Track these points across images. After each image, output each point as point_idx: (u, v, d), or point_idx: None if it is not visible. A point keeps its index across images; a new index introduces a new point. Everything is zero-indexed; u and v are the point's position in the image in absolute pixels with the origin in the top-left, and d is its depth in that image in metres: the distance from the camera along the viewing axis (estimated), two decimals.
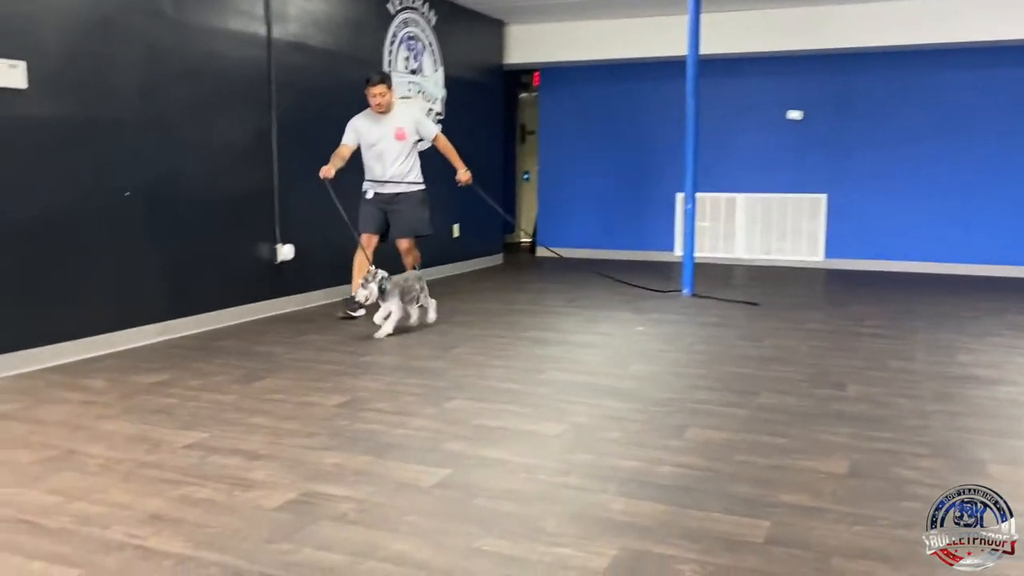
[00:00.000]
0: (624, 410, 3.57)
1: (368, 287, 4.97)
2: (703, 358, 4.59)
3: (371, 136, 5.45)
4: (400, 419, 3.42)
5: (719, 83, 8.77)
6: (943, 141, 8.22)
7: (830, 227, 8.67)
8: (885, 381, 4.06)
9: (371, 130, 5.45)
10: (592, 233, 9.65)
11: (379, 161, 5.49)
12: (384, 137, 5.45)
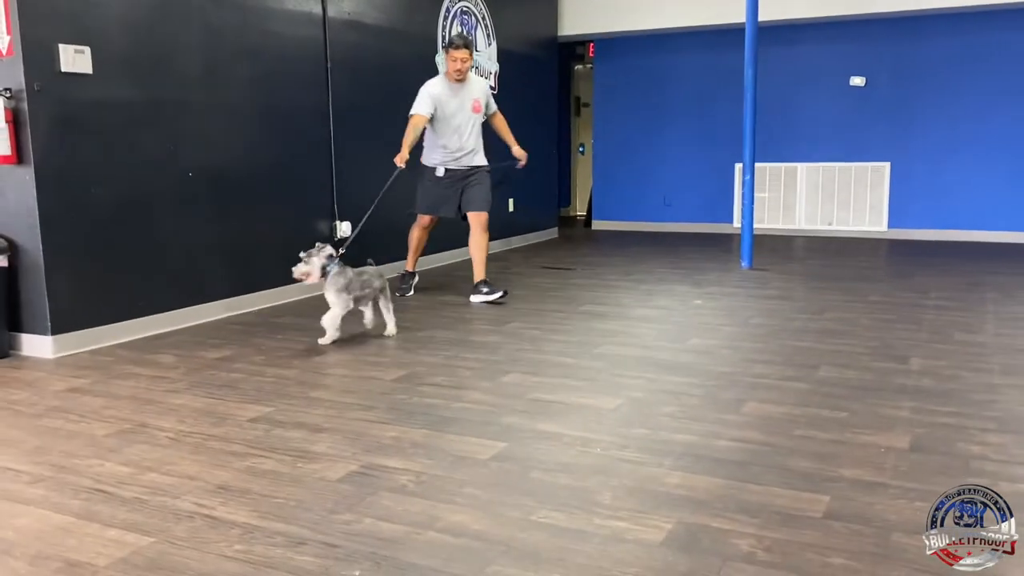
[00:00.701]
0: (681, 384, 3.55)
1: (310, 262, 4.26)
2: (761, 332, 4.53)
3: (450, 106, 5.19)
4: (457, 393, 3.46)
5: (778, 51, 8.57)
6: (1010, 105, 7.91)
7: (893, 196, 8.44)
8: (950, 354, 3.96)
9: (450, 100, 5.19)
10: (649, 206, 9.56)
11: (457, 134, 5.25)
12: (463, 108, 5.23)
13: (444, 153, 5.31)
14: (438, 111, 5.19)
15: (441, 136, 5.28)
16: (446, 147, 5.29)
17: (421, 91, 5.21)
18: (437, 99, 5.16)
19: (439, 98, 5.17)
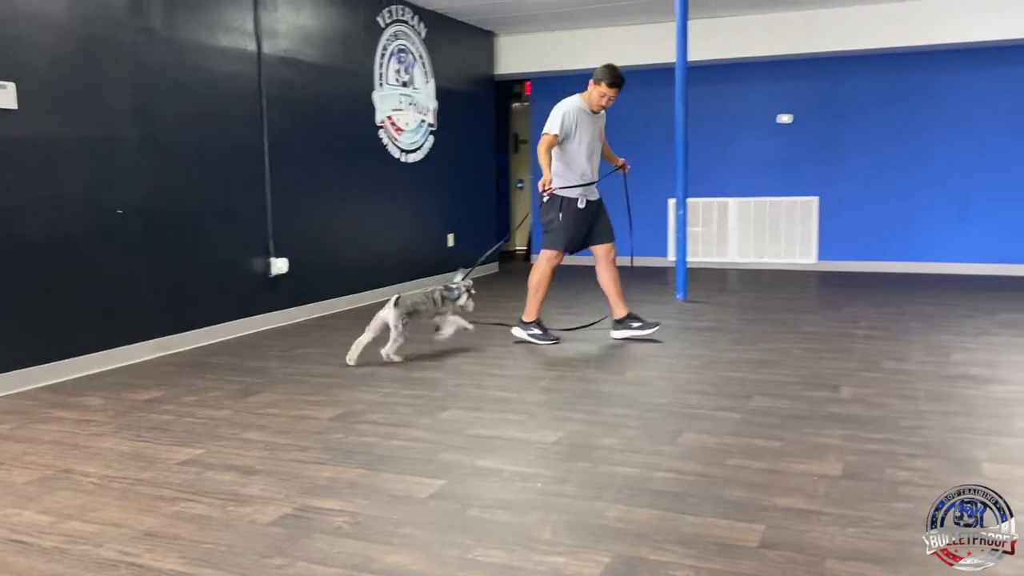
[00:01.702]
0: (620, 416, 3.57)
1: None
2: (697, 363, 4.59)
3: (589, 132, 5.02)
4: (395, 431, 3.42)
5: (709, 89, 8.81)
6: (933, 141, 8.26)
7: (822, 229, 8.70)
8: (879, 382, 4.07)
9: (588, 126, 5.03)
10: None
11: (590, 160, 5.07)
12: (596, 136, 5.10)
13: (582, 179, 5.06)
14: (575, 135, 4.99)
15: (576, 162, 5.04)
16: (583, 175, 5.06)
17: (556, 109, 5.02)
18: (577, 121, 4.98)
19: (579, 121, 4.99)
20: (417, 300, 4.72)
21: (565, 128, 4.94)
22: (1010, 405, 3.66)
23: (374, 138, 7.00)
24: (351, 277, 6.73)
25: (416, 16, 7.47)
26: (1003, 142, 8.03)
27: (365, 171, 6.88)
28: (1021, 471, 2.88)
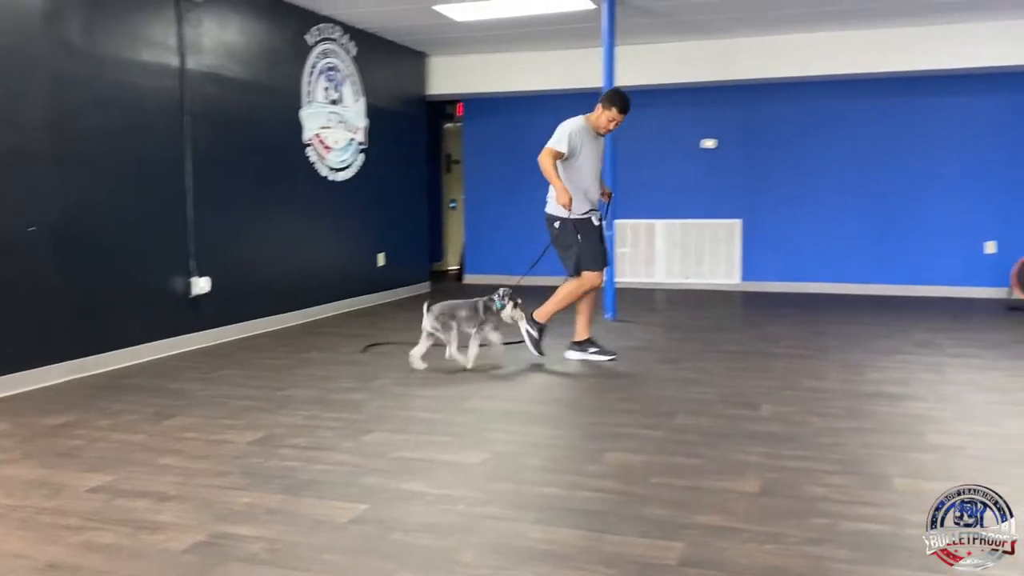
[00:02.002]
0: (546, 436, 3.58)
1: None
2: (623, 382, 4.64)
3: (593, 153, 5.05)
4: (317, 454, 3.35)
5: (636, 113, 8.90)
6: (851, 167, 8.57)
7: (745, 251, 8.92)
8: (798, 400, 4.17)
9: (593, 147, 5.05)
10: (519, 260, 9.69)
11: (593, 180, 5.11)
12: (598, 158, 5.14)
13: (587, 200, 5.09)
14: (580, 154, 4.99)
15: (581, 182, 5.05)
16: (587, 193, 5.08)
17: (562, 128, 5.01)
18: (582, 141, 4.98)
19: (584, 141, 4.99)
20: (456, 306, 4.90)
21: (572, 146, 4.95)
22: (922, 422, 3.79)
23: (302, 156, 6.91)
24: (277, 297, 6.61)
25: (346, 35, 7.43)
26: (915, 169, 8.38)
27: (292, 189, 6.79)
28: (931, 485, 2.96)
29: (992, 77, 7.95)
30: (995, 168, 8.17)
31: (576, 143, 4.96)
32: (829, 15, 7.14)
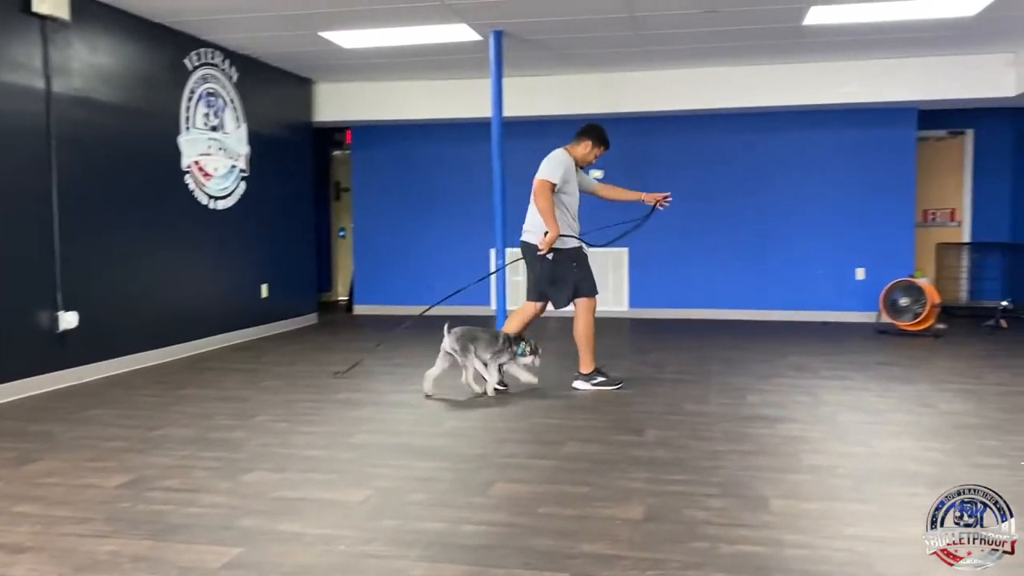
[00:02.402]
0: (432, 470, 3.51)
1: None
2: (514, 411, 4.63)
3: (576, 184, 5.21)
4: (190, 497, 3.18)
5: (526, 143, 9.04)
6: (732, 198, 8.91)
7: (632, 279, 9.12)
8: (681, 424, 4.26)
9: (575, 179, 5.19)
10: (410, 289, 9.62)
11: (576, 209, 5.26)
12: (576, 190, 5.26)
13: (574, 229, 5.20)
14: (568, 186, 5.09)
15: (570, 212, 5.17)
16: (572, 224, 5.18)
17: (555, 159, 5.10)
18: (569, 171, 5.09)
19: (570, 173, 5.10)
20: (476, 331, 4.94)
21: (564, 178, 5.04)
22: (798, 443, 3.92)
23: (180, 183, 6.66)
24: (153, 331, 6.30)
25: (227, 60, 7.24)
26: (790, 200, 8.79)
27: (170, 217, 6.52)
28: (806, 505, 3.06)
29: (858, 112, 8.44)
30: (863, 198, 8.65)
31: (567, 175, 5.09)
32: (708, 51, 7.44)
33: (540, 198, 5.00)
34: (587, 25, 6.47)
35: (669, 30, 6.63)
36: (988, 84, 7.66)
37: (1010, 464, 3.55)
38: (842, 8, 5.98)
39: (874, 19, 6.27)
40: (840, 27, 6.53)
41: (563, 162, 5.09)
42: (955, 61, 7.68)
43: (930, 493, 3.15)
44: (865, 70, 7.86)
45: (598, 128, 5.32)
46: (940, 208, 9.65)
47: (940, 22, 6.40)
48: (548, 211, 4.97)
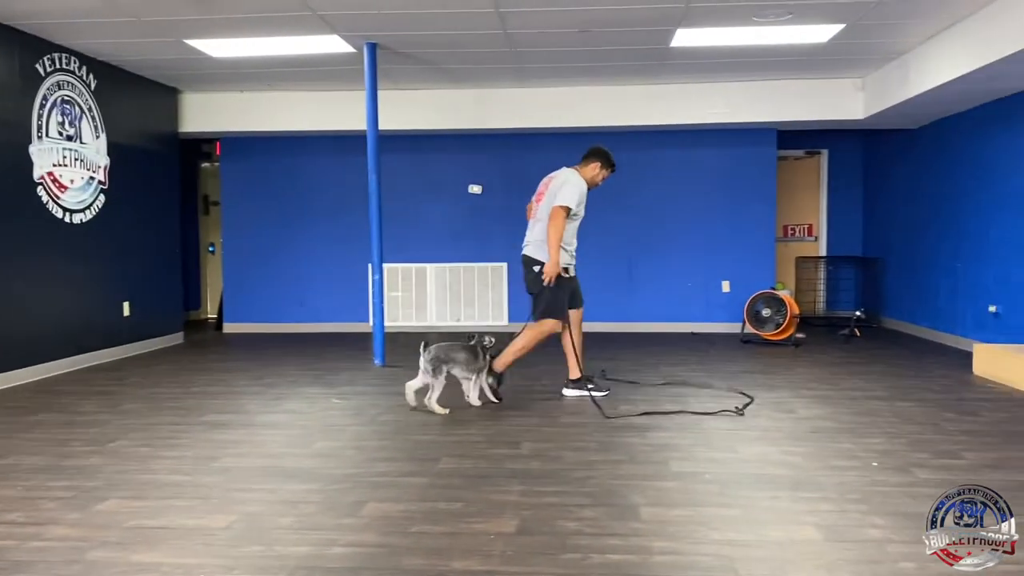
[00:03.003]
0: (301, 492, 3.40)
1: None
2: (388, 429, 4.55)
3: (584, 208, 5.21)
4: (36, 530, 2.96)
5: (404, 157, 9.05)
6: (605, 214, 9.07)
7: (511, 293, 9.19)
8: (556, 436, 4.30)
9: (585, 201, 5.18)
10: (282, 307, 9.36)
11: (576, 232, 5.29)
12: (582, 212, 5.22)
13: (571, 251, 5.28)
14: (579, 208, 5.14)
15: (572, 234, 5.23)
16: (571, 245, 5.28)
17: (570, 187, 5.09)
18: (583, 196, 5.12)
19: (584, 195, 5.15)
20: (453, 348, 4.88)
21: (580, 203, 5.11)
22: (666, 450, 4.03)
23: (31, 195, 6.24)
24: (2, 353, 5.87)
25: (84, 66, 6.86)
26: (661, 216, 9.08)
27: (20, 232, 6.09)
28: (674, 512, 3.14)
29: (723, 133, 8.82)
30: (728, 214, 9.04)
31: (581, 201, 5.15)
32: (582, 70, 7.61)
33: (554, 224, 5.04)
34: (461, 40, 6.50)
35: (542, 48, 6.75)
36: (840, 107, 8.17)
37: (863, 465, 3.75)
38: (705, 31, 6.25)
39: (735, 43, 6.58)
40: (704, 50, 6.82)
41: (581, 188, 5.17)
42: (810, 85, 8.15)
43: (790, 496, 3.30)
44: (728, 92, 8.23)
45: (605, 150, 5.38)
46: (799, 224, 10.21)
47: (795, 48, 6.78)
48: (556, 241, 5.04)
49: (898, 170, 9.10)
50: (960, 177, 7.66)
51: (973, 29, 5.80)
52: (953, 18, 5.90)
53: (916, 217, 8.59)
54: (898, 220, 9.02)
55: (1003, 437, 4.26)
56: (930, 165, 8.33)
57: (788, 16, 5.82)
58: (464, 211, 9.23)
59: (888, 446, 4.09)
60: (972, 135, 7.44)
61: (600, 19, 5.92)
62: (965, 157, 7.58)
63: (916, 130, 8.62)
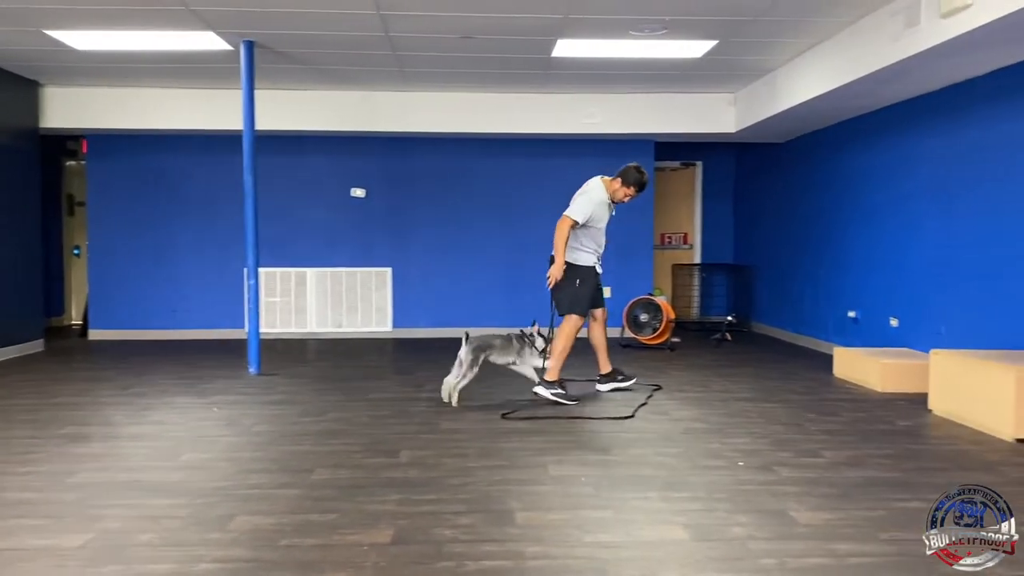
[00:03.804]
0: (165, 507, 3.25)
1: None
2: (262, 439, 4.41)
3: (606, 216, 5.66)
4: None
5: (282, 159, 8.83)
6: (488, 220, 9.17)
7: (396, 298, 9.11)
8: (435, 443, 4.27)
9: (606, 212, 5.64)
10: (153, 313, 8.95)
11: (603, 237, 5.71)
12: (609, 217, 5.69)
13: (596, 252, 5.65)
14: (594, 220, 5.52)
15: (596, 238, 5.63)
16: (598, 248, 5.67)
17: (584, 199, 5.50)
18: (599, 209, 5.53)
19: (601, 208, 5.56)
20: (491, 337, 5.45)
21: (591, 217, 5.49)
22: (544, 454, 4.07)
23: None
24: None
25: None
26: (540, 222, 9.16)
27: None
28: (549, 516, 3.17)
29: (603, 143, 9.01)
30: None
31: (596, 215, 5.53)
32: (465, 76, 7.62)
33: (558, 232, 5.44)
34: (343, 42, 6.39)
35: (425, 53, 6.72)
36: (713, 121, 8.50)
37: (730, 464, 3.91)
38: (585, 43, 6.38)
39: (614, 55, 6.74)
40: (585, 61, 6.96)
41: (595, 203, 5.53)
42: (686, 99, 8.44)
43: (661, 496, 3.40)
44: (608, 103, 8.43)
45: (633, 171, 5.64)
46: (675, 232, 10.56)
47: (671, 62, 7.01)
48: (560, 246, 5.44)
49: (766, 182, 9.55)
50: (821, 190, 8.11)
51: (833, 50, 6.16)
52: (816, 39, 6.25)
53: (782, 227, 9.04)
54: (766, 230, 9.47)
55: (859, 436, 4.52)
56: (794, 178, 8.78)
57: (663, 31, 6.02)
58: (347, 215, 9.09)
59: (754, 446, 4.27)
60: (832, 150, 7.90)
61: (482, 27, 5.94)
62: (825, 171, 8.03)
63: (783, 144, 9.08)
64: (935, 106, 6.18)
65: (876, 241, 7.04)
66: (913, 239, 6.48)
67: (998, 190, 5.46)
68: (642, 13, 5.62)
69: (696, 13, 5.61)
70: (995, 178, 5.49)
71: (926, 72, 5.58)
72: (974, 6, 4.48)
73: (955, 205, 5.93)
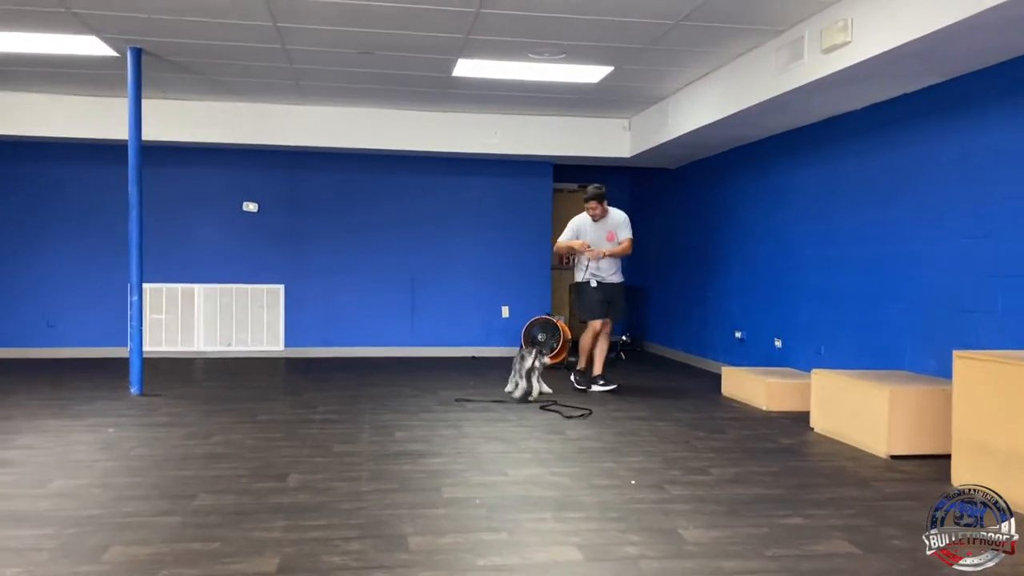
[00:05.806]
0: (31, 538, 3.04)
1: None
2: (141, 463, 4.19)
3: (590, 236, 6.67)
4: None
5: (171, 171, 8.52)
6: (387, 237, 9.08)
7: (288, 316, 8.88)
8: (327, 467, 4.16)
9: (589, 231, 6.68)
10: (24, 331, 8.44)
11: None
12: (600, 237, 6.67)
13: (593, 269, 6.70)
14: (580, 237, 6.67)
15: (586, 257, 6.70)
16: (596, 264, 6.70)
17: (569, 226, 6.77)
18: (579, 230, 6.71)
19: (581, 229, 6.71)
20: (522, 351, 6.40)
21: (565, 238, 6.79)
22: (439, 477, 4.02)
23: None
24: None
25: None
26: (441, 242, 9.18)
27: None
28: (442, 540, 3.12)
29: (503, 163, 9.08)
30: (507, 241, 9.30)
31: (582, 233, 6.69)
32: (365, 92, 7.53)
33: (558, 250, 7.18)
34: (236, 52, 6.22)
35: (323, 67, 6.62)
36: (609, 145, 8.69)
37: (623, 483, 3.95)
38: (485, 63, 6.41)
39: (514, 77, 6.81)
40: (485, 81, 7.00)
41: (576, 226, 6.74)
42: (584, 123, 8.60)
43: (555, 517, 3.40)
44: (508, 124, 8.50)
45: (588, 188, 6.71)
46: None
47: (569, 86, 7.13)
48: (560, 251, 7.21)
49: (659, 206, 9.82)
50: (708, 215, 8.40)
51: (722, 80, 6.40)
52: (707, 68, 6.48)
53: (674, 250, 9.31)
54: (659, 252, 9.72)
55: (745, 453, 4.66)
56: (685, 203, 9.06)
57: (562, 55, 6.12)
58: (238, 230, 8.82)
59: (646, 464, 4.34)
60: (719, 177, 8.19)
61: (382, 43, 5.90)
62: (712, 197, 8.32)
63: (674, 170, 9.36)
64: (815, 137, 6.50)
65: (759, 265, 7.33)
66: (793, 264, 6.78)
67: (872, 219, 5.77)
68: (542, 37, 5.69)
69: (593, 39, 5.73)
70: (872, 205, 5.80)
71: (808, 104, 5.87)
72: (853, 43, 4.74)
73: (832, 232, 6.24)
